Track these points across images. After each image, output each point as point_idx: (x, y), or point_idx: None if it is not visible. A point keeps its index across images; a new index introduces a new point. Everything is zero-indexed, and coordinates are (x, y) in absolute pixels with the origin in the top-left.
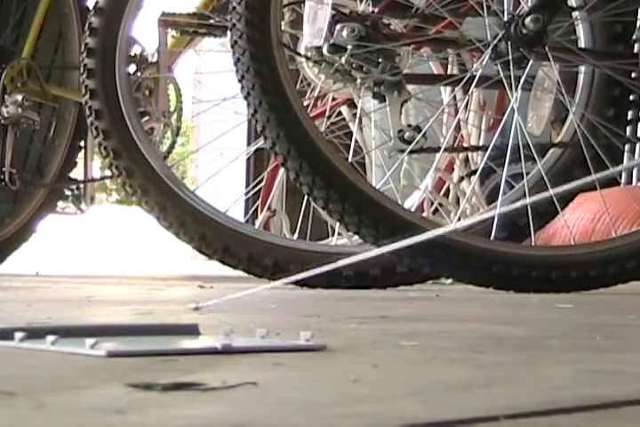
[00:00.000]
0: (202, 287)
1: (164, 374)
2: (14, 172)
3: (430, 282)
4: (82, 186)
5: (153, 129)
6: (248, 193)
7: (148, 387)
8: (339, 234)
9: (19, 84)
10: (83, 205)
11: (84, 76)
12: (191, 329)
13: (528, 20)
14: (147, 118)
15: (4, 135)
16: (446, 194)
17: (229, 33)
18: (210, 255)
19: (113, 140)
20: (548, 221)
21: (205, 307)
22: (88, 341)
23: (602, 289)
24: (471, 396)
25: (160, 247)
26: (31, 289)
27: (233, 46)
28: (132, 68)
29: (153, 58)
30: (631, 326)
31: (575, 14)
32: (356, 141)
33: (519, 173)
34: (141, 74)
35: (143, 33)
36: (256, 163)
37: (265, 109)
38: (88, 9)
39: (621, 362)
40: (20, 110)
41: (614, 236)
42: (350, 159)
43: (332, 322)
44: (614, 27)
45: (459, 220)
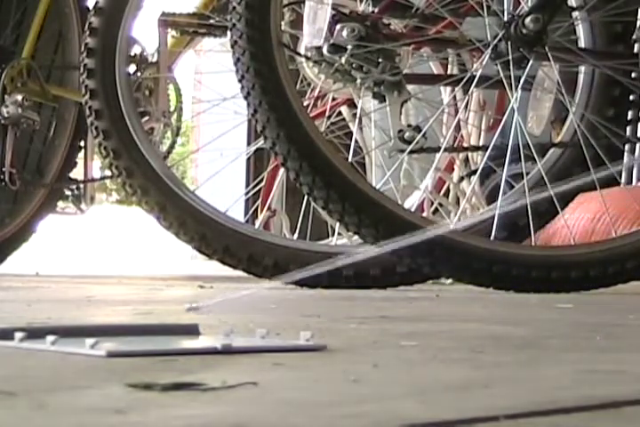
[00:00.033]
0: (202, 287)
1: (164, 374)
2: (14, 172)
3: (430, 282)
4: (82, 186)
5: (153, 129)
6: (248, 193)
7: (147, 387)
8: (339, 234)
9: (19, 84)
10: (83, 205)
11: (84, 76)
12: (191, 329)
13: (528, 20)
14: (147, 118)
15: (4, 135)
16: (446, 194)
17: (229, 33)
18: (210, 255)
19: (113, 140)
20: (548, 221)
21: (200, 307)
22: (88, 341)
23: (602, 289)
24: (471, 396)
25: (160, 247)
26: (31, 289)
27: (233, 46)
28: (132, 68)
29: (153, 58)
30: (631, 326)
31: (575, 14)
32: (356, 141)
33: (519, 173)
34: (141, 74)
35: (143, 33)
36: (256, 163)
37: (265, 109)
38: (88, 9)
39: (621, 362)
40: (20, 110)
41: (614, 236)
42: (350, 159)
43: (331, 322)
44: (614, 27)
45: (459, 220)
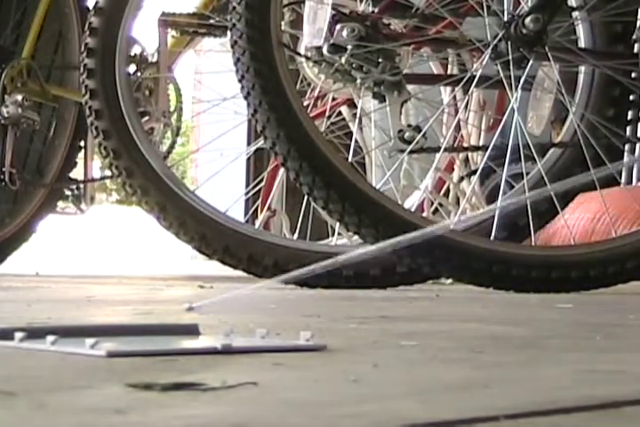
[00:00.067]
0: (202, 287)
1: (164, 374)
2: (14, 172)
3: (430, 282)
4: (82, 186)
5: (153, 129)
6: (248, 193)
7: (147, 387)
8: (339, 234)
9: (19, 84)
10: (83, 205)
11: (84, 76)
12: (191, 329)
13: (528, 20)
14: (147, 118)
15: (4, 135)
16: (446, 194)
17: (229, 33)
18: (210, 255)
19: (113, 140)
20: (548, 221)
21: (197, 307)
22: (88, 341)
23: (602, 289)
24: (471, 396)
25: (160, 247)
26: (31, 289)
27: (233, 46)
28: (132, 68)
29: (153, 58)
30: (631, 326)
31: (575, 14)
32: (356, 141)
33: (519, 173)
34: (141, 74)
35: (143, 33)
36: (256, 163)
37: (265, 109)
38: (88, 9)
39: (621, 362)
40: (20, 110)
41: (614, 236)
42: (350, 159)
43: (331, 322)
44: (614, 27)
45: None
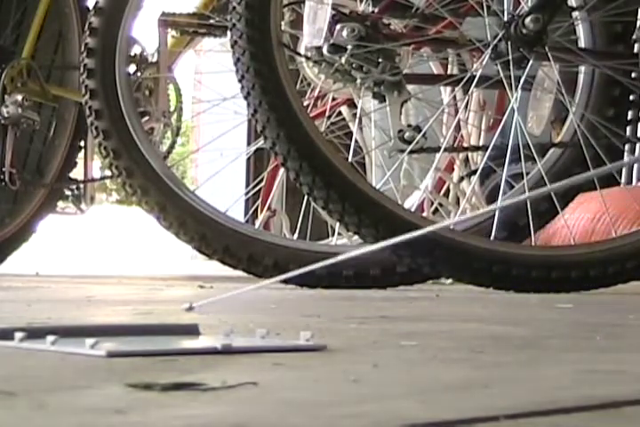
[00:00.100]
0: (202, 287)
1: (164, 374)
2: (14, 172)
3: (430, 282)
4: (82, 186)
5: (153, 129)
6: (248, 193)
7: (148, 387)
8: (339, 234)
9: (19, 84)
10: (83, 205)
11: (84, 76)
12: (191, 329)
13: (528, 20)
14: (147, 118)
15: (4, 135)
16: (446, 194)
17: (229, 33)
18: (210, 255)
19: (113, 140)
20: (548, 221)
21: (196, 307)
22: (88, 341)
23: (602, 289)
24: (471, 396)
25: (160, 247)
26: (31, 289)
27: (233, 46)
28: (132, 68)
29: (153, 58)
30: (631, 326)
31: (575, 14)
32: (356, 141)
33: (519, 173)
34: (141, 74)
35: (143, 33)
36: (256, 163)
37: (265, 109)
38: (88, 9)
39: (621, 362)
40: (20, 110)
41: (614, 236)
42: (350, 159)
43: (331, 322)
44: (614, 27)
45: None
